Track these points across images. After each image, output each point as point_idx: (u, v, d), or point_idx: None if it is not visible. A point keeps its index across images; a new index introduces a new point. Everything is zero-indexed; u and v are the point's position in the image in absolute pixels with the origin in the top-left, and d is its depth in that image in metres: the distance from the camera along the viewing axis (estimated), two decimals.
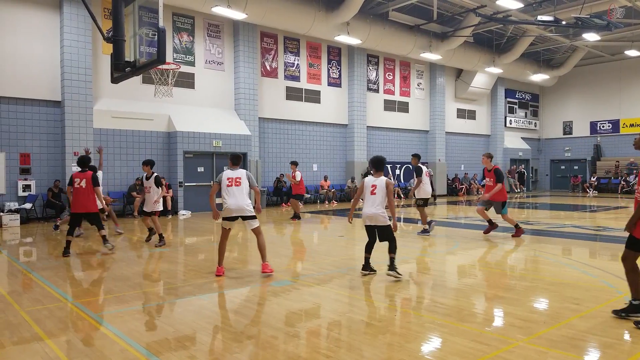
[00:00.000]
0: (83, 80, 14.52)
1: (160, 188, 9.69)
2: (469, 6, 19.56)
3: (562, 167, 31.96)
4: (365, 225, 6.72)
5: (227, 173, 6.96)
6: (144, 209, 9.84)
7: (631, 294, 4.79)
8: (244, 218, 6.82)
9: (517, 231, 10.35)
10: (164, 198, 15.55)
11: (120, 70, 7.20)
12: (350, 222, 7.24)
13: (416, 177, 11.19)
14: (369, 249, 6.81)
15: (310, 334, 4.52)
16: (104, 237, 8.90)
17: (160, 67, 11.13)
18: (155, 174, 9.74)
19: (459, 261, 8.27)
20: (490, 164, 10.23)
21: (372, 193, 6.54)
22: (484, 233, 10.55)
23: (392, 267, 6.50)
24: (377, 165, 6.72)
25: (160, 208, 9.87)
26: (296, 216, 14.16)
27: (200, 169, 16.98)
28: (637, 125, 28.34)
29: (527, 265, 7.90)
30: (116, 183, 15.35)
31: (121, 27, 7.05)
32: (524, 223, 13.45)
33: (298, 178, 14.20)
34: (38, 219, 14.08)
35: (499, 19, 19.48)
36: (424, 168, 11.18)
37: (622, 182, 26.76)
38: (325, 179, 20.84)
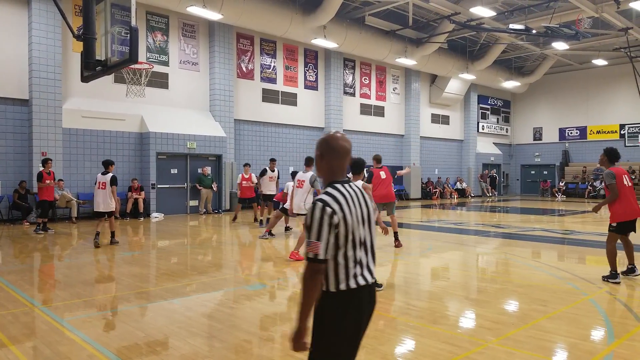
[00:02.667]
0: (52, 78, 14.14)
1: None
2: (443, 13, 19.87)
3: (532, 172, 32.73)
4: None
5: (299, 175, 8.60)
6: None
7: None
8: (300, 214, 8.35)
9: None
10: (136, 200, 15.33)
11: (91, 69, 7.05)
12: None
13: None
14: None
15: (284, 337, 4.50)
16: (38, 224, 11.72)
17: (132, 66, 10.94)
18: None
19: (432, 264, 8.37)
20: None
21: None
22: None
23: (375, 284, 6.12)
24: (354, 168, 6.27)
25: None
26: (235, 218, 14.49)
27: (174, 171, 16.73)
28: (603, 132, 29.25)
29: (497, 267, 8.05)
30: (86, 185, 14.97)
31: (92, 25, 6.90)
32: (496, 226, 13.72)
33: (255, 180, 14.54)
34: (3, 221, 13.63)
35: (473, 26, 19.85)
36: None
37: (589, 187, 27.56)
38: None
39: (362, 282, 2.32)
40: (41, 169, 12.02)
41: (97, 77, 7.49)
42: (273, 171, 13.23)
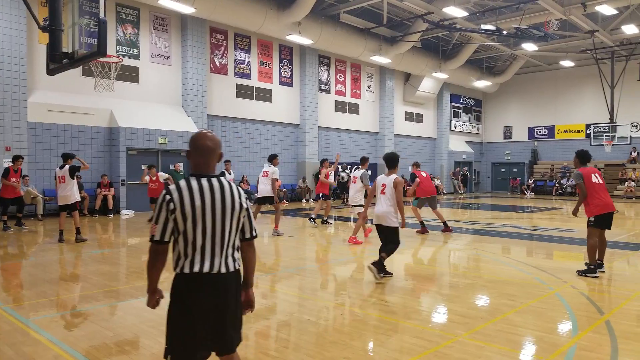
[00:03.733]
0: (17, 70, 13.67)
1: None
2: (417, 12, 20.08)
3: (502, 169, 33.44)
4: (375, 225, 6.60)
5: (354, 172, 10.41)
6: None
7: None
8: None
9: (423, 229, 11.49)
10: (105, 196, 14.98)
11: (57, 61, 6.84)
12: (366, 223, 7.62)
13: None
14: (383, 248, 6.60)
15: (258, 335, 4.48)
16: (4, 221, 11.38)
17: (101, 59, 10.68)
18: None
19: (404, 260, 8.46)
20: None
21: (382, 192, 6.46)
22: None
23: (380, 269, 6.34)
24: (389, 162, 6.55)
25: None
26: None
27: (145, 167, 16.40)
28: (570, 131, 30.10)
29: (468, 263, 8.19)
30: (52, 181, 14.51)
31: (58, 16, 6.69)
32: (467, 223, 13.97)
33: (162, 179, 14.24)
34: None
35: (445, 26, 20.11)
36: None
37: (557, 185, 28.33)
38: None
39: (196, 269, 2.45)
40: (9, 164, 11.66)
41: (63, 70, 7.29)
42: (230, 174, 13.39)
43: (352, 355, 3.90)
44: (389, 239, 6.44)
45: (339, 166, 22.13)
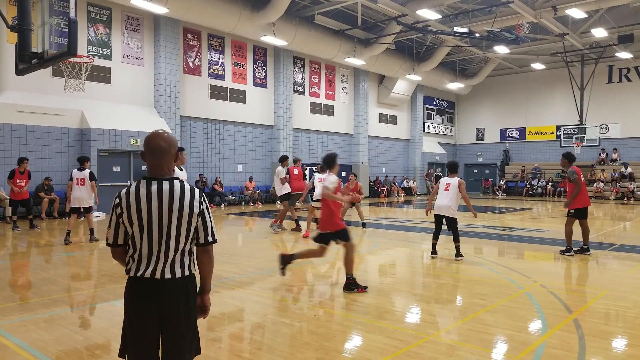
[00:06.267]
0: None
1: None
2: (391, 14, 20.28)
3: (475, 171, 34.02)
4: (435, 215, 8.20)
5: (319, 175, 10.72)
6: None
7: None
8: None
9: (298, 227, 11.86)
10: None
11: (26, 61, 6.68)
12: (428, 215, 8.75)
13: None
14: (436, 235, 8.30)
15: (232, 337, 4.47)
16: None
17: (71, 60, 10.47)
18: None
19: (378, 260, 8.55)
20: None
21: (446, 189, 8.06)
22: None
23: (458, 254, 8.05)
24: (451, 167, 8.29)
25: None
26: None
27: (116, 169, 16.13)
28: (541, 133, 30.86)
29: (441, 264, 8.32)
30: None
31: (28, 16, 6.54)
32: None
33: None
34: None
35: (419, 28, 20.38)
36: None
37: (527, 186, 29.00)
38: (251, 180, 20.65)
39: (139, 273, 2.42)
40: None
41: (33, 70, 7.11)
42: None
43: (326, 356, 3.94)
44: (452, 227, 8.07)
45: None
